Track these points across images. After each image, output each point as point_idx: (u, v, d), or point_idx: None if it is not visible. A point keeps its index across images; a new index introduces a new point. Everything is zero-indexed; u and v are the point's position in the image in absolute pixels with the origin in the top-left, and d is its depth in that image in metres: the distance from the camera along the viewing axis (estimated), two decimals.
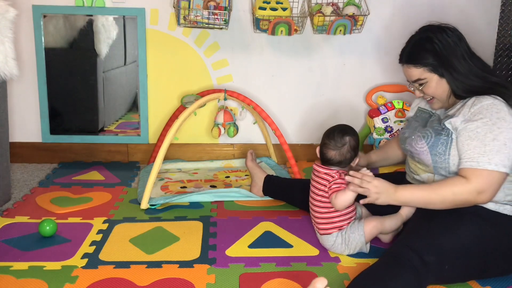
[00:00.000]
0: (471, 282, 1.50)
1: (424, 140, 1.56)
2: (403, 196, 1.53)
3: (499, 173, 1.41)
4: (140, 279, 1.49)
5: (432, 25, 1.58)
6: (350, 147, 1.62)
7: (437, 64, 1.53)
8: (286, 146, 2.27)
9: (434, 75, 1.54)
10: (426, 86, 1.57)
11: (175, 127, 2.08)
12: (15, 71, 1.92)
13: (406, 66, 1.59)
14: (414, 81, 1.59)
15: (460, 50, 1.53)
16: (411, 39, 1.61)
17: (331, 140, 1.63)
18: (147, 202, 2.00)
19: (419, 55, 1.55)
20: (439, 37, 1.53)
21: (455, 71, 1.52)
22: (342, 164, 1.64)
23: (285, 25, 2.21)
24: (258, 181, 2.10)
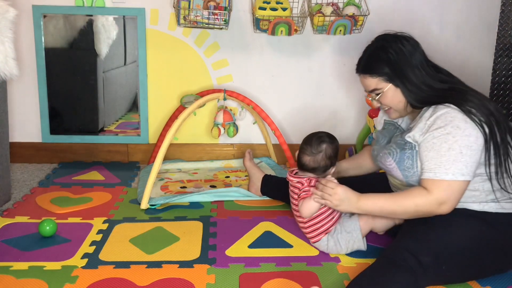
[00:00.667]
0: (471, 282, 1.50)
1: (391, 157, 1.56)
2: (365, 205, 1.53)
3: (458, 182, 1.41)
4: (140, 279, 1.49)
5: (388, 34, 1.58)
6: (325, 155, 1.64)
7: (392, 74, 1.52)
8: (286, 146, 2.27)
9: (389, 84, 1.54)
10: (382, 96, 1.57)
11: (175, 127, 2.08)
12: (15, 71, 1.92)
13: (362, 76, 1.59)
14: (371, 91, 1.59)
15: (414, 60, 1.52)
16: (367, 48, 1.61)
17: (307, 146, 1.67)
18: (147, 202, 2.00)
19: (374, 64, 1.55)
20: (394, 47, 1.52)
21: (408, 82, 1.51)
22: (317, 171, 1.65)
23: (285, 25, 2.21)
24: (256, 181, 2.10)
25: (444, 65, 1.61)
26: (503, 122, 1.45)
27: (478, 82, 2.65)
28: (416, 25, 2.55)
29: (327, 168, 1.66)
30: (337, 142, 1.69)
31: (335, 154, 1.66)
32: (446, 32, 2.57)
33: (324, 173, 1.66)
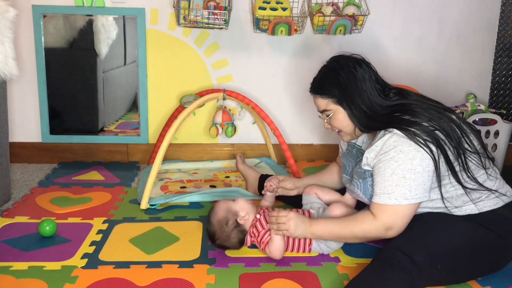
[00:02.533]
0: (471, 282, 1.50)
1: (357, 188, 1.58)
2: (317, 230, 1.55)
3: (402, 206, 1.42)
4: (140, 279, 1.49)
5: (342, 56, 1.58)
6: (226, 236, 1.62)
7: (341, 97, 1.53)
8: (285, 145, 2.27)
9: (338, 107, 1.55)
10: (332, 118, 1.57)
11: (174, 127, 2.08)
12: (15, 71, 1.92)
13: (314, 96, 1.60)
14: (322, 111, 1.60)
15: (364, 85, 1.51)
16: (321, 69, 1.61)
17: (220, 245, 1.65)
18: (147, 202, 2.00)
19: (325, 86, 1.55)
20: (345, 70, 1.53)
21: (355, 107, 1.52)
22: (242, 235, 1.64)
23: (285, 25, 2.21)
24: (253, 181, 2.10)
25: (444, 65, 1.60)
26: (454, 131, 1.45)
27: (478, 82, 2.65)
28: (416, 25, 2.55)
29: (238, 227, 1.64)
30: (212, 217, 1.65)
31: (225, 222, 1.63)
32: (446, 32, 2.57)
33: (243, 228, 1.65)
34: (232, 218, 1.64)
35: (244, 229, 1.65)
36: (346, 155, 1.75)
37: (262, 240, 1.62)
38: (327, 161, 2.68)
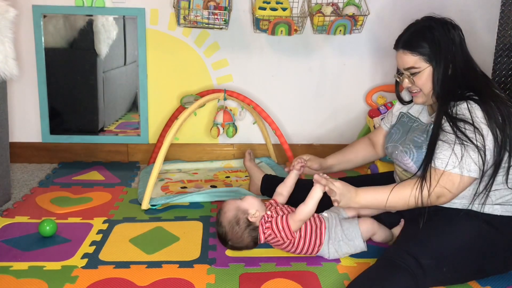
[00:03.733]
0: (471, 282, 1.50)
1: (408, 156, 1.55)
2: (364, 199, 1.51)
3: (463, 177, 1.40)
4: (140, 279, 1.49)
5: (436, 16, 1.55)
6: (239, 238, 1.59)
7: (433, 56, 1.49)
8: (287, 145, 2.27)
9: (428, 66, 1.51)
10: (418, 76, 1.53)
11: (175, 128, 2.08)
12: (15, 71, 1.92)
13: (402, 52, 1.54)
14: (407, 69, 1.54)
15: (456, 49, 1.50)
16: (411, 26, 1.57)
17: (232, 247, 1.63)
18: (148, 203, 2.00)
19: (418, 42, 1.51)
20: (440, 30, 1.50)
21: (445, 68, 1.49)
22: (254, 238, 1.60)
23: (285, 25, 2.21)
24: (256, 181, 2.10)
25: None
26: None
27: None
28: None
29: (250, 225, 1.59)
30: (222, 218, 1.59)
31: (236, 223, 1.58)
32: None
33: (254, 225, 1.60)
34: (243, 216, 1.58)
35: (256, 226, 1.59)
36: (395, 124, 1.73)
37: (277, 222, 1.57)
38: None
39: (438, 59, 1.49)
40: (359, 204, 1.52)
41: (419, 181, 1.45)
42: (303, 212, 1.56)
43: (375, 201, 1.51)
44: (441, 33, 1.50)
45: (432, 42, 1.49)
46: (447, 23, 1.52)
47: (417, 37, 1.52)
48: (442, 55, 1.49)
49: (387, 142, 1.72)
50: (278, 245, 1.62)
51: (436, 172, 1.43)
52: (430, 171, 1.44)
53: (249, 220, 1.59)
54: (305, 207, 1.56)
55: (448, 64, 1.49)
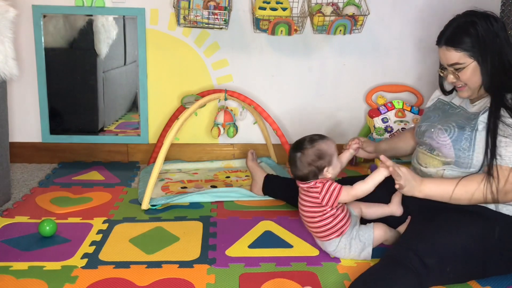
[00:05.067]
0: (471, 282, 1.50)
1: (447, 134, 1.54)
2: (428, 189, 1.49)
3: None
4: (140, 279, 1.49)
5: (478, 11, 1.53)
6: (303, 163, 1.60)
7: (477, 51, 1.48)
8: (288, 145, 2.27)
9: (473, 61, 1.50)
10: (462, 72, 1.51)
11: (176, 128, 2.08)
12: (15, 71, 1.92)
13: (445, 48, 1.53)
14: (451, 65, 1.53)
15: (500, 41, 1.48)
16: (452, 21, 1.56)
17: (290, 162, 1.66)
18: (148, 203, 2.00)
19: (462, 38, 1.49)
20: (483, 24, 1.48)
21: (491, 62, 1.48)
22: (308, 178, 1.61)
23: (285, 25, 2.21)
24: (259, 181, 2.10)
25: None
26: None
27: None
28: (416, 25, 2.55)
29: (316, 173, 1.61)
30: (319, 144, 1.62)
31: (316, 157, 1.60)
32: None
33: (319, 175, 1.62)
34: (326, 161, 1.60)
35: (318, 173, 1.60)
36: (432, 108, 1.72)
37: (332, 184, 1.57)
38: None
39: (484, 53, 1.48)
40: (423, 193, 1.50)
41: (486, 177, 1.44)
42: (360, 189, 1.56)
43: (440, 192, 1.49)
44: (485, 28, 1.48)
45: (476, 37, 1.48)
46: (489, 16, 1.51)
47: (460, 33, 1.50)
48: (488, 50, 1.48)
49: (422, 121, 1.70)
50: (310, 206, 1.60)
51: (503, 170, 1.42)
52: (496, 168, 1.43)
53: (322, 167, 1.59)
54: (364, 185, 1.56)
55: (494, 57, 1.48)
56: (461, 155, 1.51)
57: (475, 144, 1.48)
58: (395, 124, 2.50)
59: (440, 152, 1.57)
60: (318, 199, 1.58)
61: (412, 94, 2.62)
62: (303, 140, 1.66)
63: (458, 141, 1.51)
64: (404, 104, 2.54)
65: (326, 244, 1.63)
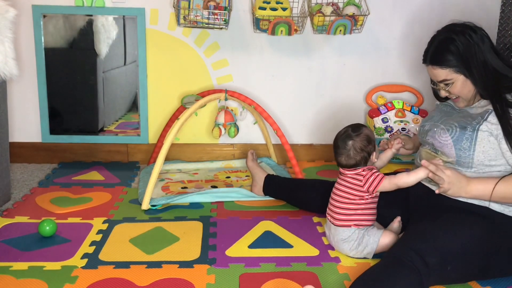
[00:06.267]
0: (471, 282, 1.50)
1: (448, 133, 1.55)
2: (476, 189, 1.49)
3: None
4: (140, 279, 1.49)
5: (455, 24, 1.56)
6: (356, 150, 1.62)
7: (461, 65, 1.51)
8: (288, 146, 2.27)
9: (460, 75, 1.53)
10: (452, 87, 1.55)
11: (176, 128, 2.08)
12: (15, 71, 1.92)
13: (431, 67, 1.57)
14: (440, 81, 1.57)
15: (481, 51, 1.50)
16: (433, 39, 1.59)
17: (337, 148, 1.66)
18: (148, 203, 2.00)
19: (444, 56, 1.53)
20: (461, 39, 1.51)
21: (477, 73, 1.51)
22: (359, 165, 1.64)
23: (285, 25, 2.21)
24: (259, 181, 2.10)
25: None
26: None
27: None
28: (416, 25, 2.55)
29: (366, 158, 1.64)
30: (364, 129, 1.66)
31: (367, 142, 1.63)
32: None
33: (367, 163, 1.65)
34: (373, 146, 1.64)
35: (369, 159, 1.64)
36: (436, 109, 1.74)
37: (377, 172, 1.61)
38: (327, 161, 2.68)
39: (468, 67, 1.51)
40: (470, 194, 1.50)
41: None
42: (401, 180, 1.58)
43: (487, 191, 1.48)
44: (464, 42, 1.51)
45: (457, 53, 1.51)
46: (467, 28, 1.53)
47: (441, 51, 1.54)
48: (471, 62, 1.51)
49: (425, 121, 1.72)
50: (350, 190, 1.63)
51: None
52: None
53: (371, 152, 1.64)
54: (407, 177, 1.57)
55: (479, 68, 1.50)
56: (462, 155, 1.52)
57: (475, 144, 1.49)
58: (395, 124, 2.50)
59: (443, 151, 1.58)
60: (360, 184, 1.61)
61: (412, 94, 2.62)
62: (347, 130, 1.67)
63: (459, 140, 1.52)
64: (404, 104, 2.54)
65: (340, 230, 1.63)
